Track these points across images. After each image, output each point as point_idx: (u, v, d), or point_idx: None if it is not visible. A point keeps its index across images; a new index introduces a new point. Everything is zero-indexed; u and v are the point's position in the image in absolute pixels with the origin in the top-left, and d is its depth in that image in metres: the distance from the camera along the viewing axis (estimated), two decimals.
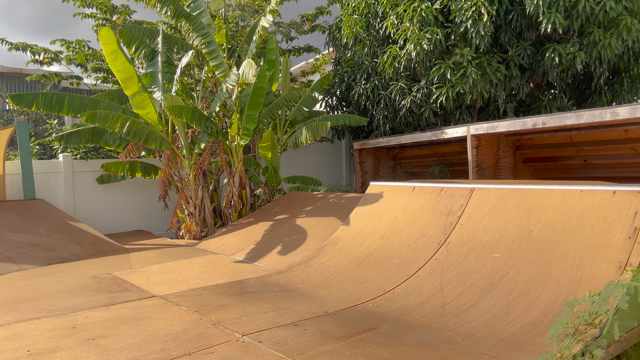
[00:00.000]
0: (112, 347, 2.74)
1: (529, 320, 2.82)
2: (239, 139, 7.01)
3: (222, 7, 7.83)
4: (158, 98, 6.71)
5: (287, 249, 5.30)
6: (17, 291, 4.19)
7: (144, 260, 5.56)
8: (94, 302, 3.74)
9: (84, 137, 7.12)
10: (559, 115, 5.48)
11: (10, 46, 8.92)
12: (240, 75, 5.95)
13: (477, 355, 2.52)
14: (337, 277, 4.13)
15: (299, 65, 12.58)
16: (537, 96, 8.10)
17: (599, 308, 2.22)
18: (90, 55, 9.57)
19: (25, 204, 6.79)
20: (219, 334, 2.94)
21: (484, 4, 6.48)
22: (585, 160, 6.74)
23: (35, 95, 6.43)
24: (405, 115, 8.17)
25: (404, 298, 3.51)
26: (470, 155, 6.49)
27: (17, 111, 10.52)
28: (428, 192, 4.69)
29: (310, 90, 8.61)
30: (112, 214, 7.94)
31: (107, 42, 6.12)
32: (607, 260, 2.96)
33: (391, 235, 4.50)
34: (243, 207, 7.49)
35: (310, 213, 6.29)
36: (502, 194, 4.03)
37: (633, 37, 6.42)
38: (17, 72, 14.14)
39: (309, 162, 10.22)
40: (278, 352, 2.61)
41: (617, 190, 3.30)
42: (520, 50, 6.98)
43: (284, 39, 10.78)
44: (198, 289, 4.10)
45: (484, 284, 3.33)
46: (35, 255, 5.58)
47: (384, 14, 7.79)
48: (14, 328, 3.12)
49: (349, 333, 2.89)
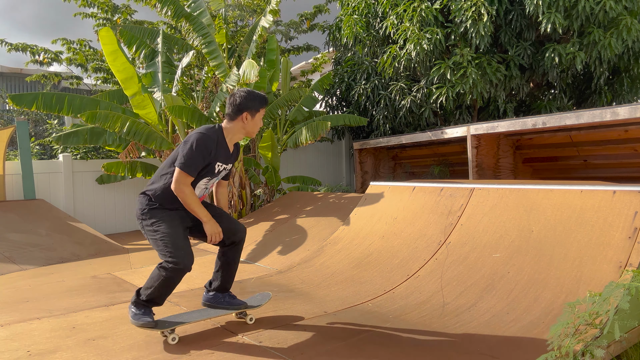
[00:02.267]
0: (112, 348, 2.74)
1: (529, 320, 2.82)
2: None
3: (222, 7, 7.83)
4: (158, 98, 6.71)
5: (287, 249, 5.30)
6: (17, 291, 4.19)
7: (144, 260, 5.56)
8: (94, 302, 3.74)
9: (82, 137, 7.11)
10: (559, 115, 5.48)
11: (10, 47, 8.92)
12: (241, 75, 5.95)
13: (477, 355, 2.52)
14: (337, 277, 4.13)
15: (299, 65, 12.59)
16: (537, 96, 8.11)
17: (599, 308, 2.22)
18: (91, 55, 9.57)
19: (25, 204, 6.79)
20: (219, 334, 2.94)
21: (484, 4, 6.47)
22: (585, 160, 6.74)
23: (35, 96, 6.43)
24: (405, 115, 8.17)
25: (404, 298, 3.51)
26: (470, 155, 6.48)
27: (17, 111, 10.53)
28: (428, 192, 4.69)
29: (310, 90, 8.61)
30: (112, 214, 7.94)
31: (108, 42, 6.13)
32: (607, 260, 2.96)
33: (391, 235, 4.50)
34: (243, 207, 7.49)
35: (310, 213, 6.29)
36: (502, 194, 4.03)
37: (633, 37, 6.42)
38: (17, 73, 14.15)
39: (309, 162, 10.23)
40: (278, 352, 2.61)
41: (617, 190, 3.30)
42: (520, 50, 6.98)
43: (283, 39, 10.79)
44: (198, 288, 4.10)
45: (484, 284, 3.33)
46: (35, 256, 5.58)
47: (383, 14, 7.79)
48: (14, 328, 3.12)
49: (349, 333, 2.89)
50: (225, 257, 3.11)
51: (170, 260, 2.70)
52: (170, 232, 2.77)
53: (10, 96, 6.29)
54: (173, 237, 2.77)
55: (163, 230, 2.77)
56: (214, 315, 3.03)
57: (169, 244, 2.74)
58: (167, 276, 2.72)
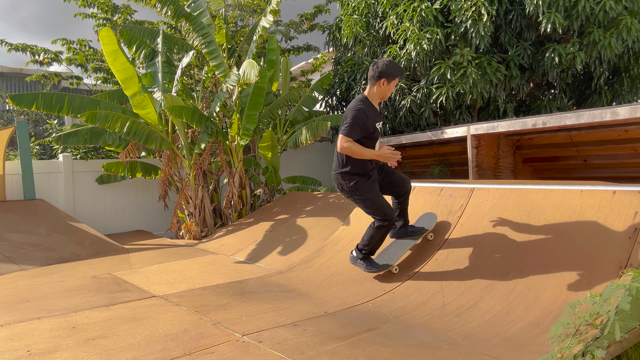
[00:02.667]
0: (112, 347, 2.74)
1: (530, 321, 2.82)
2: (239, 139, 7.01)
3: (222, 7, 7.83)
4: (158, 98, 6.71)
5: (287, 249, 5.30)
6: (17, 291, 4.19)
7: (144, 260, 5.56)
8: (94, 302, 3.74)
9: (82, 137, 7.11)
10: (559, 115, 5.48)
11: (10, 47, 8.92)
12: (241, 75, 5.95)
13: (477, 355, 2.51)
14: (337, 277, 4.13)
15: (299, 65, 12.59)
16: (537, 96, 8.10)
17: (599, 308, 2.22)
18: (91, 55, 9.57)
19: (25, 204, 6.79)
20: (219, 334, 2.94)
21: (484, 4, 6.47)
22: (585, 160, 6.73)
23: (35, 96, 6.43)
24: (405, 115, 8.17)
25: (404, 298, 3.51)
26: (470, 155, 6.48)
27: (17, 111, 10.52)
28: (428, 192, 4.69)
29: (310, 90, 8.60)
30: (112, 214, 7.94)
31: (108, 42, 6.12)
32: (607, 261, 2.96)
33: None
34: (243, 207, 7.49)
35: (311, 213, 6.29)
36: (502, 194, 4.03)
37: (633, 37, 6.42)
38: (17, 73, 14.14)
39: (309, 162, 10.22)
40: (278, 352, 2.61)
41: (617, 190, 3.30)
42: (520, 50, 6.98)
43: (283, 39, 10.80)
44: (198, 289, 4.10)
45: (484, 284, 3.33)
46: (35, 256, 5.58)
47: (383, 14, 7.79)
48: (14, 328, 3.12)
49: (349, 333, 2.89)
50: (401, 205, 4.06)
51: (383, 218, 3.69)
52: (376, 199, 3.69)
53: (10, 96, 6.28)
54: (379, 201, 3.69)
55: (370, 198, 3.67)
56: (412, 244, 3.99)
57: (379, 207, 3.68)
58: (383, 231, 3.73)
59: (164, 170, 7.17)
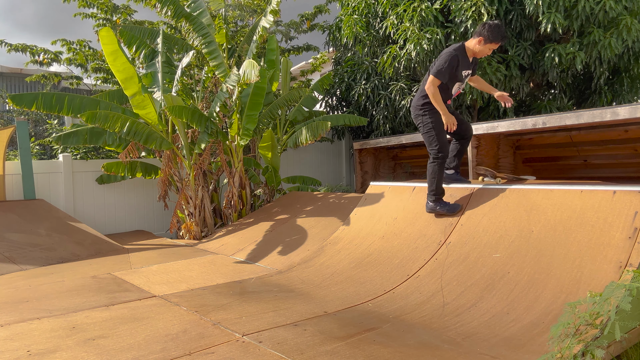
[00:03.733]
0: (112, 347, 2.74)
1: (529, 321, 2.82)
2: (239, 139, 7.01)
3: (222, 7, 7.83)
4: (158, 98, 6.71)
5: (287, 249, 5.30)
6: (17, 291, 4.19)
7: (144, 260, 5.56)
8: (94, 302, 3.74)
9: (82, 137, 7.11)
10: (559, 115, 5.48)
11: (10, 47, 8.92)
12: (241, 75, 5.95)
13: (477, 355, 2.51)
14: (337, 277, 4.13)
15: (299, 65, 12.59)
16: (537, 96, 8.10)
17: (600, 308, 2.22)
18: (91, 55, 9.57)
19: (25, 204, 6.79)
20: (219, 334, 2.94)
21: (484, 4, 6.47)
22: (585, 160, 6.73)
23: (35, 96, 6.42)
24: (405, 115, 8.17)
25: (404, 298, 3.51)
26: (470, 155, 6.48)
27: (17, 111, 10.53)
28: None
29: (310, 90, 8.61)
30: (112, 214, 7.94)
31: (108, 42, 6.12)
32: (607, 261, 2.95)
33: (391, 236, 4.50)
34: (243, 207, 7.49)
35: (310, 213, 6.29)
36: (502, 194, 4.03)
37: (633, 37, 6.42)
38: (17, 73, 14.15)
39: (309, 162, 10.22)
40: (278, 352, 2.61)
41: (617, 190, 3.30)
42: (520, 50, 6.98)
43: (283, 39, 10.80)
44: (198, 289, 4.10)
45: (484, 284, 3.33)
46: (35, 256, 5.58)
47: (383, 14, 7.79)
48: (14, 328, 3.12)
49: (349, 333, 2.89)
50: (460, 146, 4.55)
51: (439, 151, 4.16)
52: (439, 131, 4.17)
53: (10, 96, 6.29)
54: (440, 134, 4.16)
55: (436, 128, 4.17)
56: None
57: (439, 138, 4.16)
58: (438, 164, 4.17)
59: (164, 170, 7.17)
